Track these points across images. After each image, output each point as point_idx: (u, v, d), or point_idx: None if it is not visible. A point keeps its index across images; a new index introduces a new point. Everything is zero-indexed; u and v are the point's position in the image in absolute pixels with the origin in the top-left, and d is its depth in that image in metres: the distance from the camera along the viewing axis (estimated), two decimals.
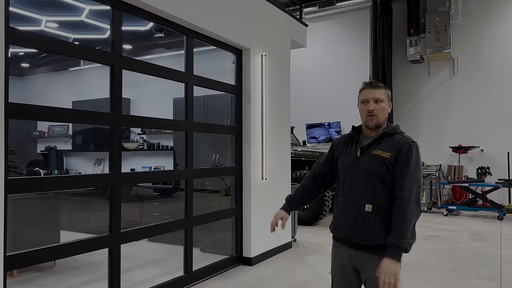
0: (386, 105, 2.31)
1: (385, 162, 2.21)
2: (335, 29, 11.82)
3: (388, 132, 2.29)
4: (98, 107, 7.10)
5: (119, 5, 3.53)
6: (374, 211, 2.20)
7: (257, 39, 5.27)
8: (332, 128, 11.55)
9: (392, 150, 2.22)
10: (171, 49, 7.55)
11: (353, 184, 2.28)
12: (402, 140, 2.24)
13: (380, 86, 2.33)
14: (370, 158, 2.25)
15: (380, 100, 2.27)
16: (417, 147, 2.24)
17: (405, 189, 2.15)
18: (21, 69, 8.73)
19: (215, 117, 6.38)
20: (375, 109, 2.26)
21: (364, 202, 2.22)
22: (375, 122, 2.27)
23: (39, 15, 5.15)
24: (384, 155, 2.22)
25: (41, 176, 6.14)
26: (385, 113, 2.30)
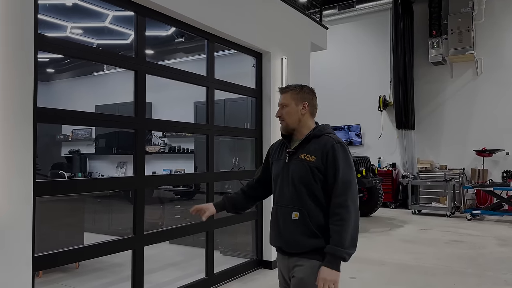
0: (293, 108, 2.20)
1: (310, 167, 2.09)
2: (355, 31, 11.74)
3: (315, 134, 2.17)
4: (121, 111, 7.22)
5: (143, 11, 3.59)
6: (301, 218, 2.09)
7: (277, 43, 5.27)
8: (352, 131, 11.45)
9: (318, 153, 2.10)
10: (190, 54, 7.63)
11: (282, 191, 2.19)
12: (328, 142, 2.11)
13: (286, 90, 2.26)
14: (297, 163, 2.15)
15: (284, 104, 2.22)
16: (344, 146, 2.11)
17: (339, 194, 2.03)
18: (46, 75, 8.96)
19: (235, 121, 6.41)
20: (280, 114, 2.23)
21: (292, 209, 2.12)
22: (283, 126, 2.24)
23: (65, 21, 5.29)
24: (309, 159, 2.11)
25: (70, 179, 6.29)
26: (293, 116, 2.20)
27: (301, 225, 2.08)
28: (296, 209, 2.10)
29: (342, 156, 2.06)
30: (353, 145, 11.42)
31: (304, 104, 2.21)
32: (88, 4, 4.75)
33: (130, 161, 8.24)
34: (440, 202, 9.86)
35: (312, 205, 2.08)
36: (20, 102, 2.57)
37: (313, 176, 2.08)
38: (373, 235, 7.31)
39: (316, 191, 2.08)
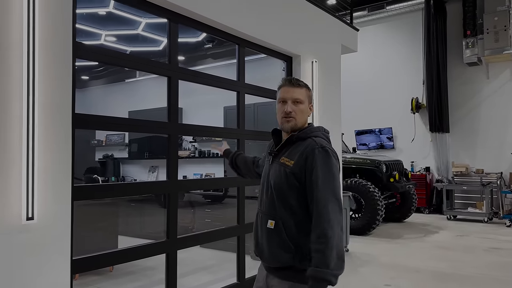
0: (306, 107, 2.01)
1: (286, 172, 1.89)
2: (385, 33, 11.53)
3: (299, 136, 1.95)
4: (153, 117, 7.36)
5: (176, 18, 3.64)
6: (276, 228, 1.89)
7: (307, 46, 5.24)
8: (384, 135, 11.23)
9: (297, 157, 1.89)
10: (219, 59, 7.70)
11: (262, 197, 2.03)
12: (309, 146, 1.89)
13: (301, 84, 2.02)
14: (276, 167, 1.96)
15: (299, 101, 1.97)
16: (327, 152, 1.86)
17: (319, 205, 1.79)
18: (81, 82, 9.25)
19: (265, 125, 6.40)
20: (293, 110, 1.96)
21: (268, 217, 1.94)
22: (292, 125, 1.97)
23: (100, 29, 5.44)
24: (288, 163, 1.90)
25: (106, 183, 6.44)
26: (305, 115, 2.00)
27: (276, 236, 1.89)
28: (272, 217, 1.92)
29: (322, 162, 1.83)
30: (384, 149, 11.19)
31: (311, 105, 2.06)
32: (122, 12, 4.87)
33: (162, 165, 8.42)
34: (476, 208, 9.50)
35: (286, 215, 1.88)
36: (59, 108, 2.64)
37: (288, 182, 1.88)
38: (407, 241, 7.12)
39: (290, 200, 1.87)
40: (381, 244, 6.86)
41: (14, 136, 2.40)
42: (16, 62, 2.42)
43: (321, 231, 1.75)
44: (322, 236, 1.74)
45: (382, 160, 8.36)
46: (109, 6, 4.60)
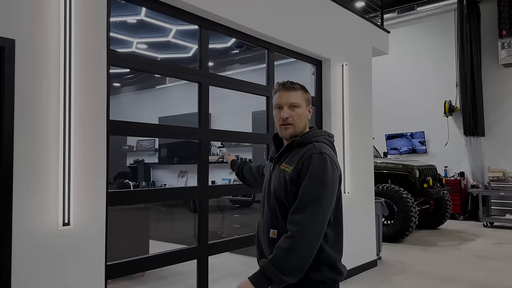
0: (304, 110, 1.89)
1: (285, 178, 1.80)
2: (416, 35, 11.27)
3: (299, 141, 1.85)
4: (181, 122, 7.43)
5: (207, 24, 3.66)
6: (278, 238, 1.77)
7: (337, 49, 5.16)
8: (416, 139, 10.93)
9: (295, 162, 1.79)
10: (245, 65, 7.71)
11: (264, 205, 1.94)
12: (308, 151, 1.78)
13: (296, 87, 1.90)
14: (277, 174, 1.87)
15: (295, 105, 1.86)
16: (324, 157, 1.74)
17: (296, 209, 1.69)
18: (113, 88, 9.47)
19: None
20: (290, 116, 1.85)
21: (270, 226, 1.85)
22: (290, 132, 1.86)
23: (131, 37, 5.55)
24: (287, 169, 1.81)
25: (139, 189, 6.54)
26: (303, 120, 1.89)
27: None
28: (274, 226, 1.83)
29: (317, 167, 1.71)
30: (416, 153, 10.90)
31: (309, 108, 1.94)
32: (154, 20, 4.95)
33: (191, 170, 8.50)
34: None
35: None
36: (95, 115, 2.69)
37: (286, 189, 1.78)
38: (443, 249, 6.87)
39: (289, 207, 1.76)
40: (415, 252, 6.65)
41: (51, 144, 2.45)
42: (54, 71, 2.48)
43: (291, 233, 1.66)
44: (290, 237, 1.65)
45: (415, 165, 8.13)
46: (141, 14, 4.68)
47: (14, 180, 2.29)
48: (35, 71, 2.40)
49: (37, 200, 2.38)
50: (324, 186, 1.70)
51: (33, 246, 2.35)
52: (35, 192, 2.37)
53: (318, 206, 1.67)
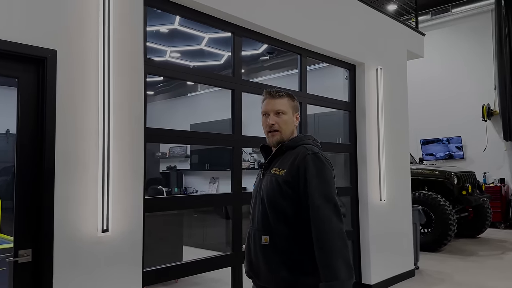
0: (290, 117, 1.93)
1: (278, 181, 1.81)
2: (451, 37, 10.94)
3: (288, 145, 1.89)
4: (213, 129, 7.49)
5: (240, 31, 3.67)
6: (271, 244, 1.78)
7: (371, 53, 5.07)
8: (452, 144, 10.57)
9: (288, 165, 1.81)
10: (275, 71, 7.69)
11: (254, 212, 1.93)
12: (300, 153, 1.81)
13: (282, 95, 1.93)
14: (268, 178, 1.88)
15: (281, 111, 1.90)
16: (318, 157, 1.78)
17: (314, 214, 1.70)
18: (147, 96, 9.66)
19: (326, 135, 6.26)
20: (275, 122, 1.89)
21: (261, 233, 1.83)
22: (277, 139, 1.90)
23: (165, 46, 5.66)
24: (279, 173, 1.83)
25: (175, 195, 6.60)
26: (290, 126, 1.92)
27: (272, 252, 1.78)
28: (266, 232, 1.81)
29: (315, 168, 1.76)
30: (453, 159, 10.53)
31: (297, 114, 1.98)
32: (187, 29, 5.02)
33: (222, 176, 8.53)
34: None
35: (282, 227, 1.78)
36: (132, 123, 2.73)
37: (281, 192, 1.79)
38: (483, 259, 6.57)
39: (285, 210, 1.78)
40: (454, 261, 6.39)
41: (91, 151, 2.50)
42: (93, 80, 2.54)
43: (322, 244, 1.67)
44: (323, 247, 1.67)
45: (452, 171, 7.84)
46: (175, 23, 4.76)
47: (55, 187, 2.35)
48: (75, 81, 2.46)
49: (77, 207, 2.43)
50: (327, 184, 1.76)
51: (74, 252, 2.40)
52: (75, 199, 2.43)
53: (331, 204, 1.72)
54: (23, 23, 2.27)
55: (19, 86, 2.30)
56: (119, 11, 2.68)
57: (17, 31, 2.25)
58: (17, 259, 2.22)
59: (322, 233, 1.68)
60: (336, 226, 1.69)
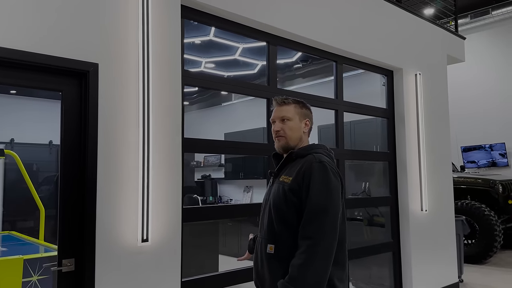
0: (297, 123, 1.93)
1: (284, 189, 1.80)
2: (491, 40, 10.51)
3: (298, 153, 1.88)
4: (246, 138, 7.50)
5: (275, 40, 3.66)
6: (276, 253, 1.77)
7: (409, 58, 4.93)
8: (495, 151, 10.09)
9: (295, 172, 1.80)
10: (308, 78, 7.62)
11: (262, 220, 1.93)
12: (308, 160, 1.80)
13: (288, 102, 1.95)
14: (276, 186, 1.88)
15: (286, 118, 1.92)
16: (325, 166, 1.75)
17: (305, 222, 1.68)
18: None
19: (362, 143, 6.13)
20: (280, 129, 1.92)
21: (267, 241, 1.82)
22: (283, 144, 1.92)
23: (200, 57, 5.74)
24: (286, 180, 1.82)
25: (211, 205, 6.64)
26: (296, 132, 1.92)
27: (277, 261, 1.76)
28: (271, 240, 1.80)
29: (319, 176, 1.73)
30: (497, 167, 10.04)
31: (306, 121, 1.98)
32: (222, 40, 5.07)
33: (255, 185, 8.51)
34: None
35: (287, 236, 1.76)
36: (171, 133, 2.76)
37: (286, 200, 1.78)
38: None
39: (289, 218, 1.77)
40: (500, 274, 6.06)
41: (131, 162, 2.54)
42: (133, 91, 2.59)
43: (303, 248, 1.64)
44: (303, 252, 1.63)
45: (497, 179, 7.47)
46: (210, 35, 4.82)
47: (97, 197, 2.39)
48: (116, 93, 2.52)
49: (118, 217, 2.47)
50: (328, 194, 1.71)
51: (115, 261, 2.43)
52: (116, 209, 2.46)
53: (326, 216, 1.67)
54: (67, 38, 2.35)
55: (63, 99, 2.38)
56: (157, 24, 2.73)
57: (61, 46, 2.33)
58: (60, 268, 2.27)
59: (306, 241, 1.65)
60: (324, 243, 1.64)
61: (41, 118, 7.35)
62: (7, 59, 2.16)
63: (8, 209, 7.53)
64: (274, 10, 3.50)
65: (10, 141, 7.62)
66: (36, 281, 3.62)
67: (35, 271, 3.64)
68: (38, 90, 3.54)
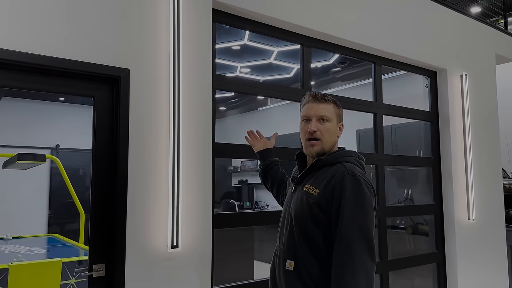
0: (334, 125, 1.72)
1: (310, 202, 1.58)
2: None
3: (327, 160, 1.65)
4: (283, 142, 7.40)
5: (309, 42, 3.56)
6: (296, 270, 1.57)
7: (454, 58, 4.66)
8: None
9: (323, 185, 1.57)
10: (347, 81, 7.43)
11: (282, 230, 1.74)
12: (338, 172, 1.57)
13: (328, 99, 1.73)
14: (299, 196, 1.66)
15: (325, 118, 1.69)
16: (358, 181, 1.52)
17: (341, 246, 1.45)
18: (219, 112, 9.90)
19: (404, 148, 5.87)
20: (318, 129, 1.68)
21: (286, 256, 1.63)
22: (317, 150, 1.68)
23: (235, 62, 5.73)
24: (312, 192, 1.59)
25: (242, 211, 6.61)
26: (332, 136, 1.71)
27: (295, 279, 1.57)
28: (291, 256, 1.61)
29: (352, 193, 1.50)
30: None
31: (341, 125, 1.79)
32: (257, 44, 5.03)
33: None
34: None
35: (309, 255, 1.56)
36: (201, 138, 2.72)
37: (311, 215, 1.57)
38: None
39: (314, 237, 1.56)
40: None
41: (162, 167, 2.52)
42: (164, 97, 2.57)
43: (340, 283, 1.42)
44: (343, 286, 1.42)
45: None
46: (244, 39, 4.79)
47: (128, 203, 2.39)
48: (147, 98, 2.51)
49: (148, 223, 2.45)
50: (364, 213, 1.50)
51: (144, 267, 2.41)
52: (146, 214, 2.45)
53: (363, 237, 1.46)
54: (99, 44, 2.37)
55: (95, 104, 2.40)
56: (188, 29, 2.71)
57: (93, 52, 2.35)
58: (91, 273, 2.27)
59: (342, 272, 1.43)
60: (362, 266, 1.43)
61: (86, 124, 7.65)
62: (44, 66, 2.19)
63: (56, 212, 7.85)
64: (307, 11, 3.40)
65: (55, 147, 7.96)
66: (74, 284, 3.70)
67: (73, 274, 3.72)
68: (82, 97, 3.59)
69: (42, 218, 7.70)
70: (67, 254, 4.11)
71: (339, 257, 1.47)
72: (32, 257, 3.91)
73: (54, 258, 3.80)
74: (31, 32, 2.17)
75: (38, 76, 2.24)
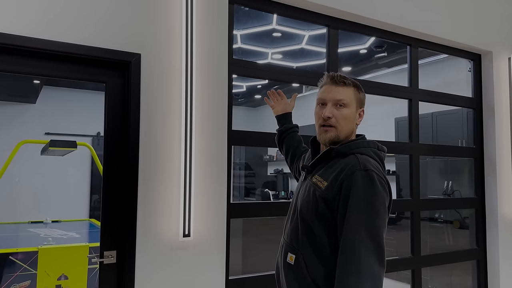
0: (353, 112, 1.54)
1: (316, 196, 1.44)
2: None
3: (339, 150, 1.48)
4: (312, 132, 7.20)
5: (336, 23, 3.36)
6: (296, 264, 1.45)
7: (500, 39, 4.26)
8: None
9: (332, 178, 1.42)
10: (384, 67, 7.07)
11: (287, 221, 1.62)
12: (349, 165, 1.40)
13: (347, 83, 1.54)
14: (307, 186, 1.53)
15: (343, 104, 1.51)
16: (371, 176, 1.35)
17: (346, 248, 1.30)
18: (255, 101, 9.81)
19: (446, 137, 5.51)
20: (333, 115, 1.51)
21: (288, 249, 1.52)
22: (331, 137, 1.51)
23: (266, 48, 5.58)
24: (320, 185, 1.44)
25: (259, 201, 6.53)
26: (350, 123, 1.53)
27: (294, 276, 1.46)
28: (293, 249, 1.49)
29: (362, 190, 1.33)
30: None
31: (361, 111, 1.60)
32: (286, 28, 4.86)
33: None
34: None
35: (311, 251, 1.43)
36: (215, 124, 2.64)
37: (317, 209, 1.43)
38: None
39: (318, 233, 1.42)
40: None
41: (174, 155, 2.47)
42: (177, 82, 2.51)
43: (345, 284, 1.29)
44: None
45: None
46: (272, 23, 4.64)
47: (138, 190, 2.36)
48: (159, 83, 2.46)
49: (159, 211, 2.41)
50: (373, 213, 1.33)
51: (155, 255, 2.39)
52: (157, 202, 2.41)
53: (371, 239, 1.31)
54: (110, 29, 2.34)
55: (106, 90, 2.38)
56: (202, 10, 2.62)
57: (104, 37, 2.32)
58: (102, 260, 2.27)
59: (347, 275, 1.29)
60: (368, 270, 1.28)
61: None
62: (55, 51, 2.19)
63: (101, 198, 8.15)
64: None
65: (96, 135, 8.22)
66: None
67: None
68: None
69: (84, 203, 8.02)
70: (98, 239, 4.21)
71: (343, 260, 1.33)
72: (63, 241, 4.04)
73: (83, 242, 3.91)
74: (41, 18, 2.17)
75: (50, 62, 2.25)
